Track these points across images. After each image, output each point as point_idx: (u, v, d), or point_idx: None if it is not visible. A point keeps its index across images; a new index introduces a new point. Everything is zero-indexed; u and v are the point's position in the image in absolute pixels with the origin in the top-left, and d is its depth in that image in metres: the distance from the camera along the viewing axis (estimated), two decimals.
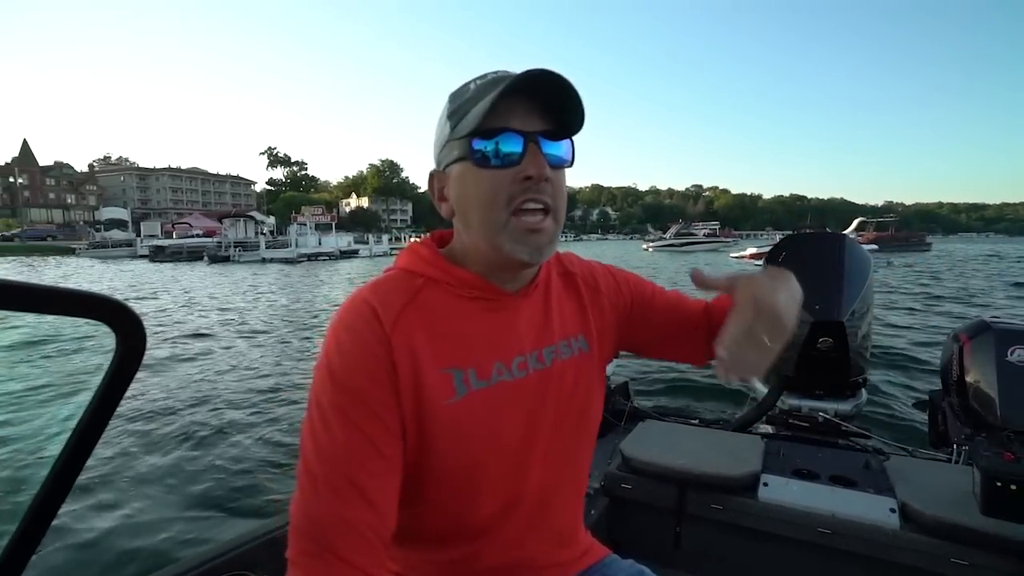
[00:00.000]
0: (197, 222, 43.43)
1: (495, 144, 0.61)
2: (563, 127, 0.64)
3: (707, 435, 1.74)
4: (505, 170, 0.62)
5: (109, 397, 0.62)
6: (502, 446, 0.66)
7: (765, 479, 1.41)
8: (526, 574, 0.73)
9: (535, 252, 0.64)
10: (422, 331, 0.63)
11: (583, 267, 0.83)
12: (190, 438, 3.95)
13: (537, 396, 0.69)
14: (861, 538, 1.24)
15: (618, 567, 0.80)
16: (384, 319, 0.62)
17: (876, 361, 5.07)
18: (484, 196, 0.63)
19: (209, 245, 33.41)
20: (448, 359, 0.64)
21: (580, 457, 0.78)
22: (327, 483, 0.56)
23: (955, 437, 1.72)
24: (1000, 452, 1.19)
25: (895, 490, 1.32)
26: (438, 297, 0.67)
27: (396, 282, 0.67)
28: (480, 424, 0.64)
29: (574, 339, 0.76)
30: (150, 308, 11.57)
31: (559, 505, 0.74)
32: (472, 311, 0.67)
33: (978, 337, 1.64)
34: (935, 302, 11.26)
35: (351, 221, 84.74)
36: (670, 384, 5.05)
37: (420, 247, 0.72)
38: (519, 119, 0.62)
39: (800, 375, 1.97)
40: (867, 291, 1.98)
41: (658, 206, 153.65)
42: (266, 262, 28.77)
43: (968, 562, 1.15)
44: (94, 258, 34.46)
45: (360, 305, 0.63)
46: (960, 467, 1.55)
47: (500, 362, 0.67)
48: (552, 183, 0.63)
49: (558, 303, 0.76)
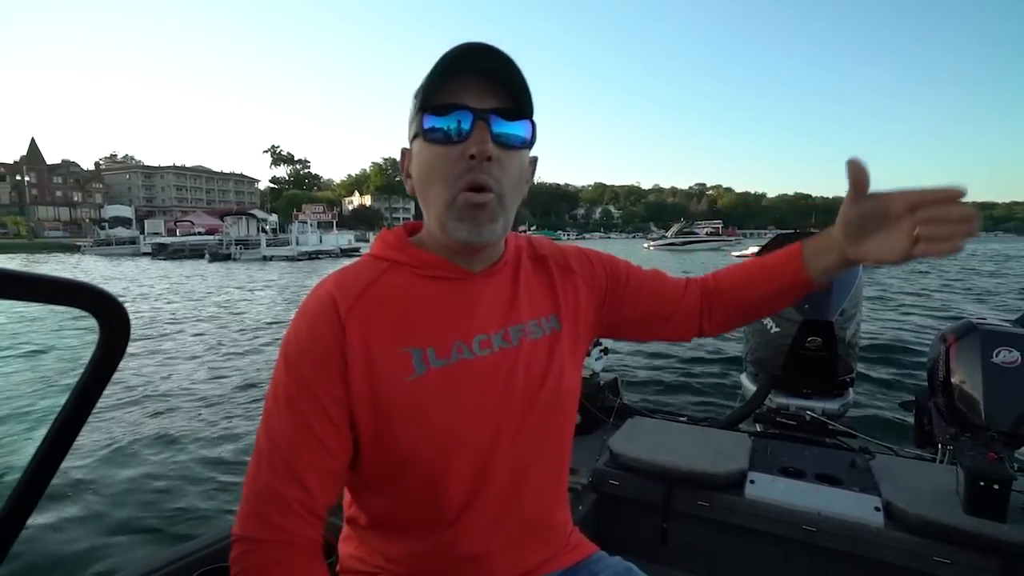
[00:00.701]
0: (199, 220, 43.61)
1: (445, 120, 0.61)
2: (519, 107, 0.63)
3: (695, 432, 1.74)
4: (452, 147, 0.61)
5: (92, 386, 0.61)
6: (466, 425, 0.65)
7: (752, 476, 1.42)
8: (505, 564, 0.71)
9: (475, 230, 0.63)
10: (381, 313, 0.65)
11: (554, 249, 0.83)
12: (172, 434, 3.98)
13: (502, 374, 0.68)
14: (846, 536, 1.25)
15: (605, 563, 0.80)
16: (340, 307, 0.64)
17: (864, 361, 5.11)
18: (433, 172, 0.63)
19: (211, 243, 33.59)
20: (407, 339, 0.64)
21: (556, 439, 0.75)
22: (269, 462, 0.62)
23: (940, 437, 1.73)
24: (984, 452, 1.21)
25: (880, 489, 1.33)
26: (400, 279, 0.68)
27: (360, 268, 0.69)
28: (441, 402, 0.64)
29: (544, 319, 0.75)
30: (144, 305, 11.70)
31: (536, 490, 0.72)
32: (433, 291, 0.68)
33: (964, 338, 1.65)
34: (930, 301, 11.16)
35: (354, 219, 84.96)
36: (659, 381, 5.03)
37: (388, 234, 0.74)
38: (472, 96, 0.61)
39: (788, 374, 2.00)
40: (856, 291, 2.00)
41: (661, 205, 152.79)
42: (267, 260, 28.88)
43: (951, 560, 1.15)
44: (98, 255, 34.78)
45: (320, 294, 0.66)
46: (944, 467, 1.56)
47: (460, 340, 0.66)
48: (500, 163, 0.62)
49: (527, 283, 0.76)
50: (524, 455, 0.70)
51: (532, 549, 0.73)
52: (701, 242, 45.44)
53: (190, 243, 34.44)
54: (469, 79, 0.61)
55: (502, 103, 0.62)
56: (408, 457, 0.65)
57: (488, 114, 0.61)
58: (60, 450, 0.62)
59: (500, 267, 0.73)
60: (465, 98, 0.61)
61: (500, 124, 0.62)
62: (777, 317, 2.05)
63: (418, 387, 0.63)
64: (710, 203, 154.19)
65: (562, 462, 0.78)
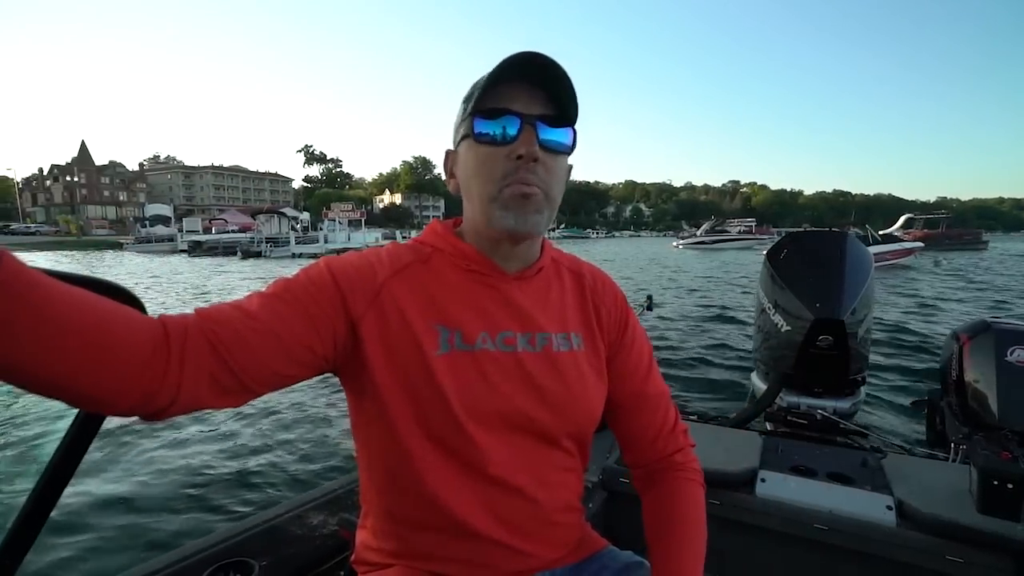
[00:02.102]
0: (233, 218, 44.73)
1: (495, 124, 0.66)
2: (563, 114, 0.67)
3: (706, 431, 1.72)
4: (500, 147, 0.66)
5: None
6: (482, 414, 0.67)
7: (763, 475, 1.41)
8: (517, 558, 0.72)
9: (521, 219, 0.66)
10: (419, 287, 0.69)
11: (595, 275, 0.83)
12: (191, 429, 3.98)
13: (522, 375, 0.69)
14: (857, 535, 1.24)
15: (616, 557, 0.80)
16: (385, 267, 0.69)
17: (876, 359, 5.00)
18: (480, 170, 0.67)
19: (242, 240, 34.41)
20: (438, 316, 0.68)
21: (574, 441, 0.75)
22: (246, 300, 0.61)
23: (953, 436, 1.73)
24: (998, 451, 1.20)
25: (892, 488, 1.32)
26: (441, 266, 0.72)
27: (407, 247, 0.74)
28: (459, 385, 0.66)
29: (574, 334, 0.75)
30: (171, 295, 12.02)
31: (550, 486, 0.73)
32: (468, 283, 0.71)
33: (978, 337, 1.63)
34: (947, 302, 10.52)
35: (384, 217, 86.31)
36: (670, 380, 4.94)
37: (436, 223, 0.78)
38: (521, 103, 0.65)
39: (799, 373, 1.98)
40: (868, 290, 1.97)
41: (693, 203, 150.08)
42: (295, 257, 29.53)
43: (964, 560, 1.14)
44: (138, 252, 36.21)
45: (370, 251, 0.72)
46: (957, 466, 1.53)
47: (486, 332, 0.69)
48: (545, 166, 0.66)
49: (560, 296, 0.77)
50: (539, 459, 0.71)
51: (545, 544, 0.74)
52: (732, 240, 44.18)
53: (224, 241, 35.37)
54: (520, 87, 0.66)
55: (549, 110, 0.67)
56: (427, 435, 0.66)
57: (535, 120, 0.65)
58: (82, 444, 0.63)
59: (534, 273, 0.75)
60: (514, 104, 0.65)
61: (546, 130, 0.66)
62: (788, 315, 2.02)
63: (443, 363, 0.66)
64: (744, 201, 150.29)
65: (577, 474, 0.78)
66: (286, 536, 1.14)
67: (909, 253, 21.30)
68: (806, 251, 2.16)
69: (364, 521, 0.78)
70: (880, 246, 20.23)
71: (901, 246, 21.39)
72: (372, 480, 0.74)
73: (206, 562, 0.95)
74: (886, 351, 5.97)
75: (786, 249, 2.20)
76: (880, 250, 20.02)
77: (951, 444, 1.75)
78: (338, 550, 1.09)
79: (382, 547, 0.74)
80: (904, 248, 21.29)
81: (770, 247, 2.38)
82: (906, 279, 15.61)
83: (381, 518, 0.74)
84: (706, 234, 46.48)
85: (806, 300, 1.95)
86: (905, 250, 21.17)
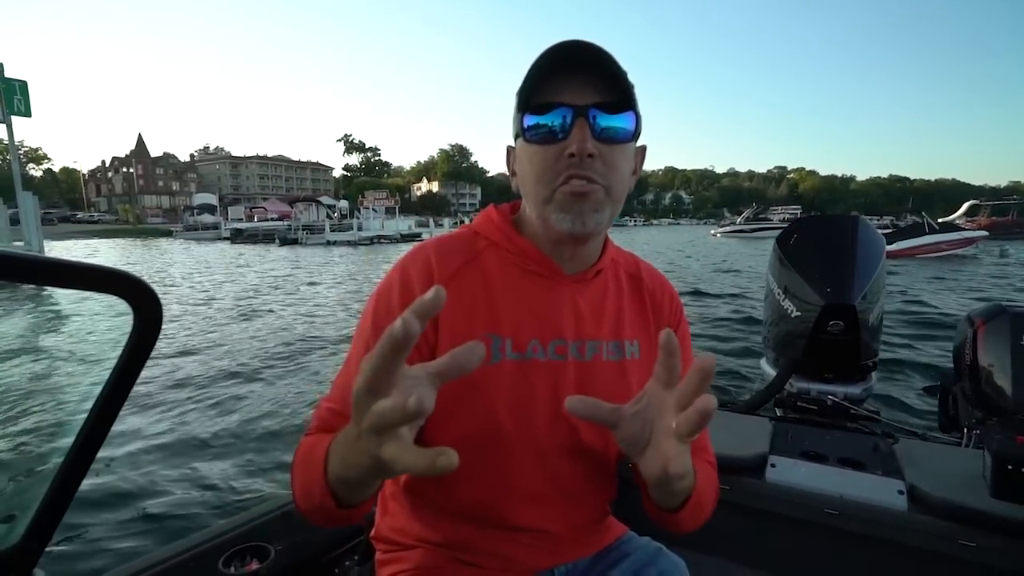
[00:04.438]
0: (273, 207, 46.48)
1: (545, 119, 0.61)
2: (619, 100, 0.62)
3: (716, 416, 1.64)
4: (552, 146, 0.61)
5: (128, 370, 0.64)
6: (525, 423, 0.66)
7: (773, 460, 1.40)
8: (542, 549, 0.72)
9: (578, 220, 0.63)
10: (471, 293, 0.67)
11: (654, 277, 0.80)
12: (205, 416, 4.07)
13: (568, 385, 0.67)
14: (868, 519, 1.24)
15: (636, 544, 0.80)
16: (437, 274, 0.66)
17: (887, 345, 4.98)
18: (534, 172, 0.64)
19: (280, 228, 35.53)
20: (490, 324, 0.66)
21: (607, 459, 0.74)
22: (333, 394, 0.66)
23: (966, 421, 1.73)
24: (1013, 435, 1.17)
25: (903, 472, 1.31)
26: (496, 262, 0.69)
27: (460, 241, 0.71)
28: (506, 393, 0.65)
29: (628, 342, 0.73)
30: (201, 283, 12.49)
31: (582, 487, 0.73)
32: (523, 283, 0.69)
33: (993, 320, 1.62)
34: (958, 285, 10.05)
35: (421, 205, 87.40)
36: None
37: (494, 211, 0.74)
38: (571, 93, 0.61)
39: (810, 358, 1.97)
40: (880, 274, 1.96)
41: (736, 189, 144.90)
42: (330, 244, 30.21)
43: (976, 544, 1.14)
44: (186, 239, 37.98)
45: (420, 258, 0.68)
46: (970, 451, 1.52)
47: (537, 339, 0.67)
48: (602, 158, 0.61)
49: (617, 301, 0.74)
50: (578, 466, 0.70)
51: (570, 544, 0.74)
52: (773, 228, 42.26)
53: (263, 228, 36.61)
54: (568, 76, 0.61)
55: (603, 97, 0.61)
56: (463, 438, 0.65)
57: (588, 109, 0.60)
58: (102, 429, 0.65)
59: (592, 274, 0.72)
60: (564, 95, 0.61)
61: (603, 118, 0.61)
62: (798, 300, 2.00)
63: (491, 372, 0.64)
64: (790, 188, 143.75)
65: (612, 468, 0.77)
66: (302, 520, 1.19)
67: (969, 243, 19.81)
68: (816, 236, 2.12)
69: (385, 502, 0.77)
70: (934, 235, 18.92)
71: (960, 235, 19.94)
72: None
73: (222, 547, 0.96)
74: (897, 336, 5.89)
75: (796, 234, 2.16)
76: (934, 240, 18.80)
77: (964, 429, 1.74)
78: (353, 534, 1.11)
79: (404, 528, 0.73)
80: (963, 238, 19.81)
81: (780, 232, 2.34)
82: (951, 270, 14.47)
83: (405, 499, 0.73)
84: (746, 222, 44.56)
85: (816, 285, 1.93)
86: (964, 240, 19.69)
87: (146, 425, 3.83)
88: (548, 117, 0.61)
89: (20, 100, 13.74)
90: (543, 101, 0.61)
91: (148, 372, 4.90)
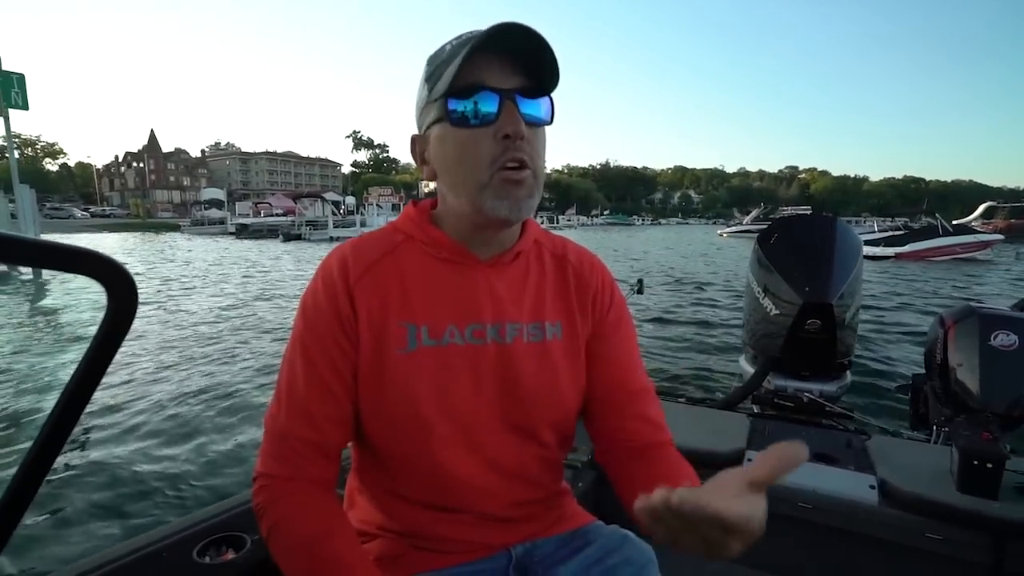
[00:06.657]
0: (278, 202, 46.16)
1: (471, 103, 0.61)
2: (540, 85, 0.64)
3: (695, 412, 1.77)
4: (482, 129, 0.61)
5: (101, 355, 0.62)
6: (449, 407, 0.67)
7: (749, 455, 1.44)
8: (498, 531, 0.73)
9: (515, 207, 0.64)
10: (386, 286, 0.68)
11: (579, 256, 0.79)
12: (180, 406, 3.99)
13: (489, 368, 0.68)
14: (841, 513, 1.28)
15: (601, 532, 0.79)
16: (351, 273, 0.67)
17: (862, 343, 5.06)
18: (465, 156, 0.63)
19: (284, 224, 35.50)
20: (407, 313, 0.67)
21: (548, 440, 0.74)
22: (287, 407, 0.67)
23: (935, 419, 1.79)
24: (979, 432, 1.24)
25: (875, 468, 1.36)
26: (411, 256, 0.70)
27: (378, 237, 0.72)
28: (426, 380, 0.66)
29: (550, 324, 0.73)
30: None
31: (528, 475, 0.73)
32: (440, 272, 0.69)
33: (963, 321, 1.67)
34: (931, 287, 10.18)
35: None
36: (660, 363, 5.09)
37: (411, 208, 0.75)
38: (495, 77, 0.61)
39: (787, 356, 2.02)
40: (857, 274, 2.00)
41: (746, 189, 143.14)
42: (333, 240, 30.20)
43: (943, 536, 1.18)
44: (193, 234, 38.12)
45: (336, 258, 0.70)
46: (939, 447, 1.58)
47: (454, 325, 0.68)
48: (530, 141, 0.63)
49: (539, 283, 0.74)
50: (510, 452, 0.71)
51: (525, 519, 0.75)
52: None
53: (268, 223, 36.64)
54: (491, 58, 0.61)
55: (524, 82, 0.63)
56: (391, 426, 0.68)
57: (514, 94, 0.61)
58: (72, 414, 0.64)
59: (510, 258, 0.72)
60: (488, 79, 0.61)
61: (525, 104, 0.62)
62: (777, 299, 2.03)
63: (408, 360, 0.66)
64: (801, 188, 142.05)
65: (556, 451, 0.76)
66: None
67: (985, 246, 19.19)
68: (796, 236, 2.17)
69: (352, 495, 0.79)
70: (948, 238, 18.43)
71: (975, 238, 19.37)
72: (355, 454, 0.76)
73: (199, 536, 0.95)
74: (872, 335, 6.00)
75: (776, 234, 2.21)
76: (948, 242, 18.31)
77: (933, 426, 1.81)
78: None
79: (368, 519, 0.74)
80: (978, 240, 19.23)
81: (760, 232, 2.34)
82: (963, 274, 14.05)
83: (364, 490, 0.75)
84: (753, 222, 43.37)
85: (795, 284, 1.97)
86: (980, 243, 19.12)
87: (121, 413, 3.77)
88: (477, 101, 0.60)
89: (18, 93, 13.82)
90: (466, 83, 0.60)
91: (123, 358, 4.77)
